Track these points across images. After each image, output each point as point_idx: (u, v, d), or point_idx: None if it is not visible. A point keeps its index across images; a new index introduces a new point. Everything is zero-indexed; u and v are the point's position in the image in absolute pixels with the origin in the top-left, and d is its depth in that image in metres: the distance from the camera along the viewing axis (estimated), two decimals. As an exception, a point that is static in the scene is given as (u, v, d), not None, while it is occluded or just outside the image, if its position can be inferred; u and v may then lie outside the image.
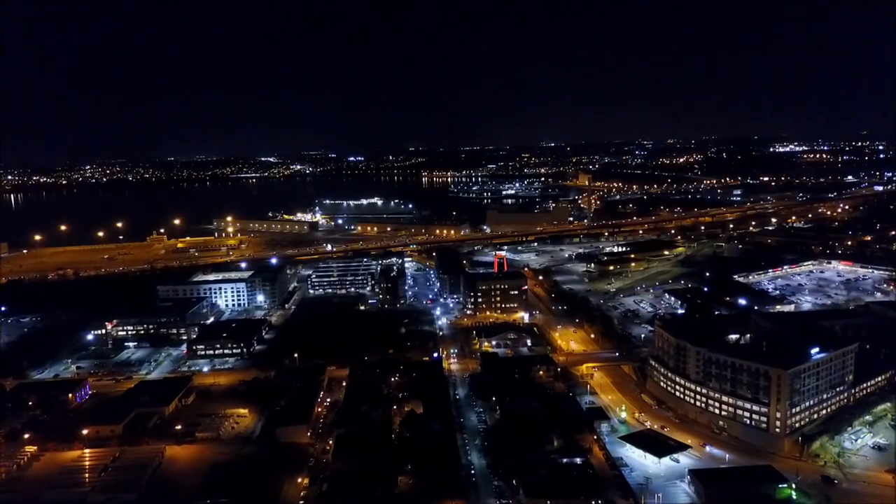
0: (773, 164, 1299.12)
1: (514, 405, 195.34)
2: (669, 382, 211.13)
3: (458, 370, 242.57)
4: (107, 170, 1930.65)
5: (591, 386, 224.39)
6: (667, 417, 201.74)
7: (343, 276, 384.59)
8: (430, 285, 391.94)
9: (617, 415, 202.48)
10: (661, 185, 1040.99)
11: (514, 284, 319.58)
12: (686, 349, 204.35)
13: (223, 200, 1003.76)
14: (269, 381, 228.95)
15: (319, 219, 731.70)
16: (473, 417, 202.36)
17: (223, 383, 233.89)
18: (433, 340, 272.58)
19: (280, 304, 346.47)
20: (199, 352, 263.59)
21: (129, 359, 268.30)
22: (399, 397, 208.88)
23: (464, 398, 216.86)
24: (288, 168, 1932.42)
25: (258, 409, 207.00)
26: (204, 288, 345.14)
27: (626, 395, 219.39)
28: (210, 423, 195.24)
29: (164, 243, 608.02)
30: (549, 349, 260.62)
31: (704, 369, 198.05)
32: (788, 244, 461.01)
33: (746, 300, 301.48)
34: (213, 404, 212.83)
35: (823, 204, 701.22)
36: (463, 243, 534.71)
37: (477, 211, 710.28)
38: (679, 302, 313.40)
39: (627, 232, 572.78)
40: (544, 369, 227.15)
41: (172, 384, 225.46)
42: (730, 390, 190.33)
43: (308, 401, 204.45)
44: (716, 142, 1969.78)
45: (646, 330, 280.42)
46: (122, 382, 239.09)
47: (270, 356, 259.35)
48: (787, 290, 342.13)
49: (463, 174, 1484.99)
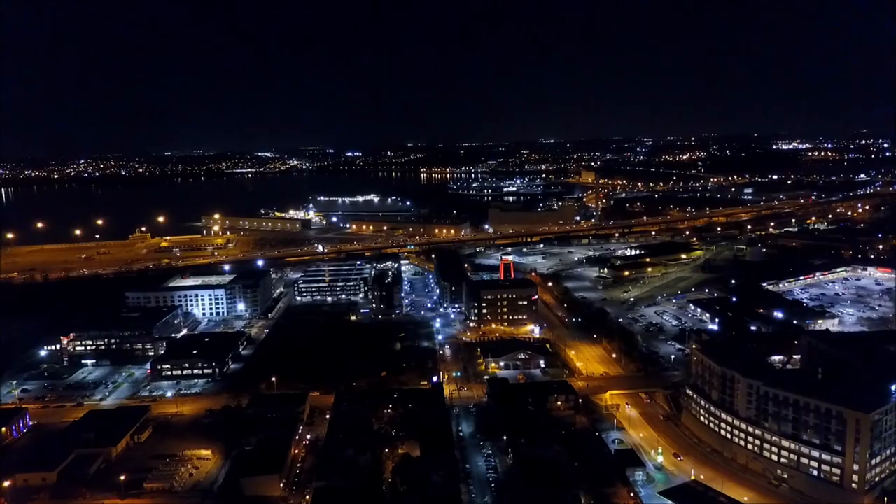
0: (779, 162, 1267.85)
1: (531, 449, 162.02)
2: (712, 419, 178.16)
3: (462, 398, 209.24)
4: (100, 164, 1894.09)
5: (618, 419, 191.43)
6: (711, 462, 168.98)
7: (334, 281, 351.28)
8: (429, 292, 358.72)
9: (652, 458, 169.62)
10: (667, 182, 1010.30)
11: (522, 294, 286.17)
12: (734, 380, 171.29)
13: (215, 196, 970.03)
14: (240, 411, 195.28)
15: (313, 216, 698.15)
16: (481, 462, 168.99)
17: (187, 413, 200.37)
18: (432, 360, 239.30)
19: (263, 312, 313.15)
20: (164, 372, 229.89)
21: (85, 380, 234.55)
22: (392, 435, 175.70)
23: (468, 436, 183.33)
24: (284, 163, 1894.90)
25: (224, 449, 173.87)
26: (178, 295, 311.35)
27: (659, 431, 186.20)
28: (163, 470, 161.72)
29: (146, 242, 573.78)
30: (565, 372, 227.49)
31: (758, 406, 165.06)
32: (815, 247, 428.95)
33: (783, 313, 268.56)
34: (172, 442, 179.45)
35: (842, 203, 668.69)
36: (464, 244, 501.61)
37: (477, 209, 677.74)
38: (707, 314, 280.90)
39: (639, 233, 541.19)
40: (563, 399, 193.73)
41: (126, 415, 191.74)
42: (791, 433, 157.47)
43: (283, 440, 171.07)
44: (716, 139, 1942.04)
45: (673, 348, 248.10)
46: (70, 410, 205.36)
47: (245, 378, 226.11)
48: (824, 300, 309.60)
49: (462, 170, 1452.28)
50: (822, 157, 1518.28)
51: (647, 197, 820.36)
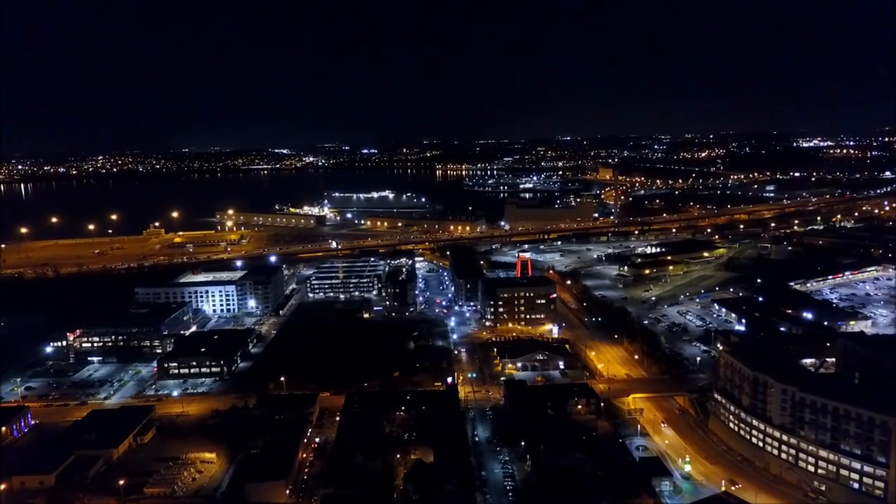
0: (800, 160, 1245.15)
1: (551, 456, 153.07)
2: (743, 425, 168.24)
3: (477, 400, 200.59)
4: (118, 160, 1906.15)
5: (642, 424, 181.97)
6: (742, 471, 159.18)
7: (347, 277, 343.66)
8: (444, 289, 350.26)
9: (678, 467, 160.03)
10: (686, 179, 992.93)
11: (541, 292, 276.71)
12: (767, 385, 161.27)
13: (231, 192, 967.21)
14: (247, 411, 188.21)
15: (327, 212, 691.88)
16: (497, 470, 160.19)
17: (193, 413, 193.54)
18: (447, 360, 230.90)
19: (274, 310, 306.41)
20: (171, 370, 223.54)
21: (91, 377, 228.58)
22: (404, 439, 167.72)
23: (485, 442, 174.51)
24: (300, 160, 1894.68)
25: (229, 451, 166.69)
26: (188, 291, 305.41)
27: (685, 437, 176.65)
28: (166, 474, 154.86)
29: (160, 237, 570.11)
30: (585, 374, 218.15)
31: (793, 413, 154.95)
32: (842, 246, 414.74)
33: (812, 314, 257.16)
34: (176, 444, 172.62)
35: (868, 201, 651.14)
36: (479, 241, 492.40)
37: (493, 205, 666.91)
38: (733, 315, 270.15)
39: (658, 230, 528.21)
40: (583, 403, 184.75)
41: (129, 415, 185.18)
42: (830, 443, 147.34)
43: (291, 443, 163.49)
44: (735, 137, 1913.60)
45: (699, 350, 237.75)
46: (73, 409, 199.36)
47: (254, 378, 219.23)
48: (855, 300, 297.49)
49: (478, 167, 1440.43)
50: (844, 154, 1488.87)
51: (666, 194, 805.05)
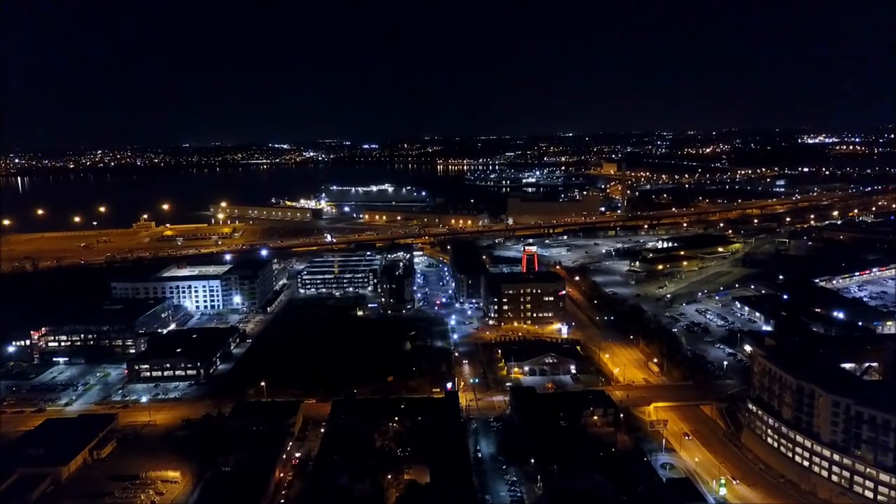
0: (807, 156, 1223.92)
1: (565, 478, 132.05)
2: (784, 441, 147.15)
3: (480, 410, 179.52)
4: (117, 154, 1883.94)
5: (667, 439, 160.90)
6: (784, 494, 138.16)
7: (341, 272, 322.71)
8: (444, 285, 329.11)
9: (712, 490, 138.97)
10: (692, 175, 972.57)
11: (548, 288, 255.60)
12: (815, 396, 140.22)
13: (228, 186, 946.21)
14: (221, 421, 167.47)
15: (324, 206, 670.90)
16: (504, 493, 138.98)
17: (161, 423, 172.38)
18: (446, 363, 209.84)
19: (262, 306, 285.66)
20: (142, 373, 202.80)
21: (54, 380, 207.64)
22: (397, 455, 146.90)
23: (489, 459, 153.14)
24: (300, 154, 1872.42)
25: (197, 469, 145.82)
26: (169, 286, 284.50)
27: (716, 452, 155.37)
28: (120, 497, 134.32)
29: (150, 230, 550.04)
30: (600, 379, 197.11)
31: (846, 429, 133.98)
32: (864, 241, 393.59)
33: (844, 313, 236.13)
34: (137, 459, 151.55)
35: (884, 196, 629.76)
36: (482, 235, 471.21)
37: (496, 200, 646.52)
38: (757, 314, 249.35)
39: (668, 225, 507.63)
40: (600, 413, 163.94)
41: (87, 425, 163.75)
42: (893, 465, 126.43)
43: (267, 460, 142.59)
44: (737, 134, 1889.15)
45: (723, 352, 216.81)
46: (29, 417, 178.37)
47: (233, 382, 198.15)
48: (887, 298, 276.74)
49: (479, 162, 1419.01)
50: (850, 151, 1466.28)
51: (674, 189, 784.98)
